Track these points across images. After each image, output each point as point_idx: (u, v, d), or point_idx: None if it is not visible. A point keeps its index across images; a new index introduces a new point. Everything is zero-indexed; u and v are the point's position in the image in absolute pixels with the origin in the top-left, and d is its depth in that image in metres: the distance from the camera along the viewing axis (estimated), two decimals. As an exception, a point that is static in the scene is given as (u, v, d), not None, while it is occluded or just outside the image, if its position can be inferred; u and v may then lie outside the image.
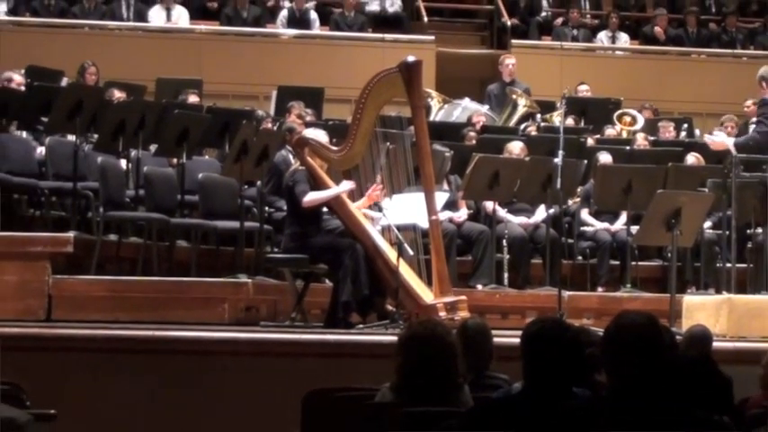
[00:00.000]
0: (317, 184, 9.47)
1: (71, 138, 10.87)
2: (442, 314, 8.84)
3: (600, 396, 4.41)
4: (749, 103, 14.47)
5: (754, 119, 14.45)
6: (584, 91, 15.76)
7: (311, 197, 9.42)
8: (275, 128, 12.16)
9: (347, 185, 9.52)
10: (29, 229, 10.56)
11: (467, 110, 14.46)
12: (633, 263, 11.24)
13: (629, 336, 3.96)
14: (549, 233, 10.90)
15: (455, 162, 11.41)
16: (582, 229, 11.57)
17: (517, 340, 4.49)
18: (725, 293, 9.86)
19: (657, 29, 18.10)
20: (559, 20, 18.32)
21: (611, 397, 4.02)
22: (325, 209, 9.61)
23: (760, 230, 10.71)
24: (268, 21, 17.50)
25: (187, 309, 9.63)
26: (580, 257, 11.54)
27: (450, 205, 10.92)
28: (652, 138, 13.58)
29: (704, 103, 16.41)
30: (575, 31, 18.03)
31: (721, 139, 10.80)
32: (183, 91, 13.83)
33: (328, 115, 14.16)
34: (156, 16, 16.94)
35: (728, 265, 10.25)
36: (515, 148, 11.43)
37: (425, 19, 18.22)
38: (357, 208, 9.53)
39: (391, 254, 9.20)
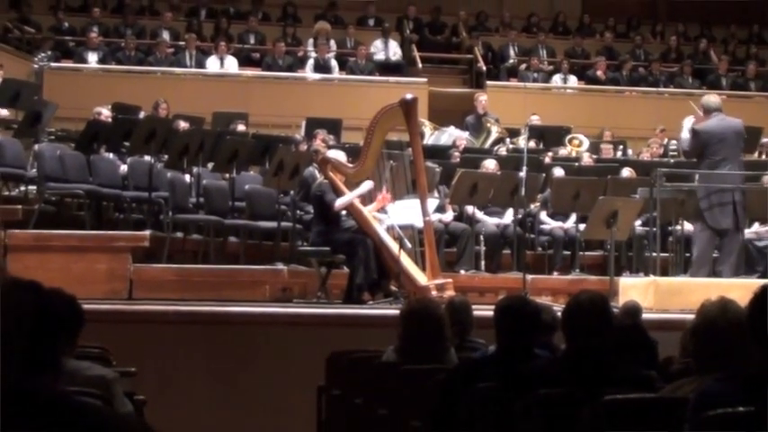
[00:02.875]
0: (337, 193, 9.46)
1: (147, 158, 10.87)
2: (434, 293, 8.81)
3: (556, 356, 4.39)
4: (660, 128, 14.75)
5: (666, 140, 14.48)
6: (542, 120, 15.72)
7: (341, 201, 9.41)
8: (305, 149, 12.15)
9: (368, 185, 9.51)
10: (114, 228, 10.55)
11: (452, 135, 14.41)
12: (581, 253, 11.21)
13: (586, 310, 3.95)
14: (515, 230, 10.90)
15: (443, 176, 11.38)
16: (541, 226, 11.55)
17: (492, 313, 4.48)
18: (652, 276, 9.84)
19: (599, 72, 18.07)
20: (523, 66, 18.26)
21: (566, 356, 4.01)
22: (344, 212, 9.60)
23: (679, 227, 10.70)
24: (299, 67, 17.49)
25: (237, 290, 9.63)
26: (540, 249, 11.52)
27: (440, 209, 10.89)
28: (595, 156, 13.56)
29: (635, 130, 16.34)
30: (535, 75, 17.97)
31: (685, 128, 9.98)
32: (233, 121, 13.80)
33: (345, 140, 14.11)
34: (212, 64, 16.93)
35: (654, 254, 10.25)
36: (490, 164, 11.42)
37: (420, 65, 18.27)
38: (370, 210, 9.52)
39: (394, 246, 9.19)
